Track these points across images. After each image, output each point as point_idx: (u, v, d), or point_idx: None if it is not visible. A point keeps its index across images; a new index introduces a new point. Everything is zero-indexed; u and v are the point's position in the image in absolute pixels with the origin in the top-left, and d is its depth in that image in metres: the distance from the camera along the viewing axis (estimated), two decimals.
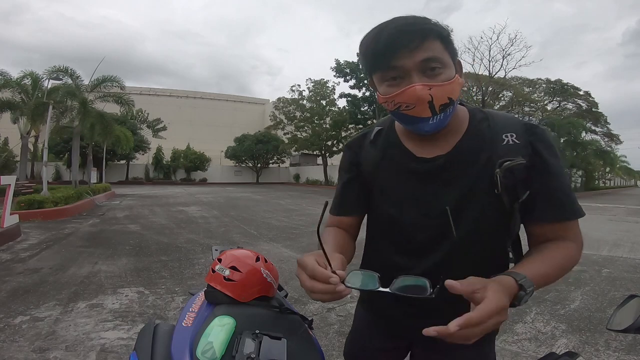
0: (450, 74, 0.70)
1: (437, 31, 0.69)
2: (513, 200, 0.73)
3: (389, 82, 0.70)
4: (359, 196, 0.88)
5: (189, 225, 7.49)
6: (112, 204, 12.14)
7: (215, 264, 1.00)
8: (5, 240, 5.42)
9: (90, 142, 16.49)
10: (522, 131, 0.75)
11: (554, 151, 0.75)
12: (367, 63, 0.73)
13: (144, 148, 29.08)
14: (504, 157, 0.72)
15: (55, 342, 2.37)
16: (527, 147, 0.73)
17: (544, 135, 0.76)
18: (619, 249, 5.91)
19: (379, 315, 0.91)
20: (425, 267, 0.78)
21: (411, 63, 0.67)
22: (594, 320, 2.89)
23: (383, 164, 0.83)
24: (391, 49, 0.67)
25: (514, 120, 0.78)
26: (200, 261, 4.59)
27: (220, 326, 0.82)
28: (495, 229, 0.77)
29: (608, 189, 39.49)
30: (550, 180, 0.74)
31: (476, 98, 20.70)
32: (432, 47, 0.68)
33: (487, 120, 0.78)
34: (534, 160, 0.73)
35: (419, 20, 0.69)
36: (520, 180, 0.72)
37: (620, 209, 14.32)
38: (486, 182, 0.73)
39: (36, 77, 15.09)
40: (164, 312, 2.95)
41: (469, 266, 0.75)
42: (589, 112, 25.64)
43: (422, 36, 0.67)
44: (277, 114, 29.55)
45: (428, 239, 0.79)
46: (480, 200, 0.74)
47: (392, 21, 0.69)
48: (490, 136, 0.76)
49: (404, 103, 0.69)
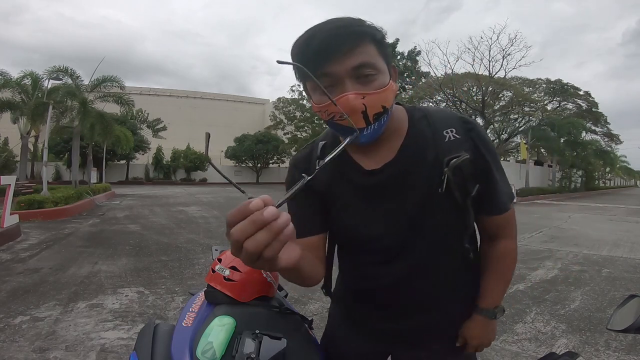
0: (384, 80, 0.66)
1: (371, 34, 0.65)
2: (465, 195, 0.74)
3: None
4: (317, 215, 0.81)
5: (189, 225, 7.48)
6: (112, 204, 12.13)
7: (215, 264, 1.00)
8: (5, 240, 5.42)
9: (90, 142, 16.48)
10: (460, 125, 0.75)
11: (489, 145, 0.76)
12: (299, 70, 0.67)
13: (144, 148, 29.06)
14: (449, 154, 0.72)
15: (55, 342, 2.37)
16: (468, 141, 0.74)
17: (479, 129, 0.76)
18: (619, 249, 5.91)
19: (353, 319, 0.91)
20: (395, 274, 0.79)
21: (343, 70, 0.63)
22: (594, 320, 2.89)
23: (334, 181, 0.79)
24: (322, 55, 0.62)
25: (451, 115, 0.78)
26: (200, 261, 4.59)
27: (220, 326, 0.82)
28: (454, 227, 0.77)
29: (608, 189, 39.53)
30: (490, 174, 0.76)
31: (476, 98, 20.69)
32: (365, 51, 0.64)
33: (426, 118, 0.77)
34: (476, 155, 0.74)
35: (352, 23, 0.65)
36: (468, 175, 0.73)
37: (620, 209, 14.32)
38: (437, 182, 0.73)
39: (36, 77, 15.07)
40: (164, 312, 2.95)
41: (436, 268, 0.79)
42: (589, 112, 25.62)
43: (354, 40, 0.63)
44: (277, 114, 29.53)
45: (393, 248, 0.78)
46: (435, 201, 0.74)
47: (324, 24, 0.64)
48: (432, 134, 0.75)
49: (337, 113, 0.65)
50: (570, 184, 25.83)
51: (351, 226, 0.80)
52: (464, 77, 20.37)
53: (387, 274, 0.80)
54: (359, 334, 0.89)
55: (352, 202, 0.79)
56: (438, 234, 0.76)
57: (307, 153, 0.84)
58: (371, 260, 0.82)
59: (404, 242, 0.77)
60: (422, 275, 0.79)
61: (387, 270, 0.79)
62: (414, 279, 0.79)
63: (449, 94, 20.53)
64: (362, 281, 0.86)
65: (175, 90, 43.86)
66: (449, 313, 0.84)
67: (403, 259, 0.78)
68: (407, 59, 27.80)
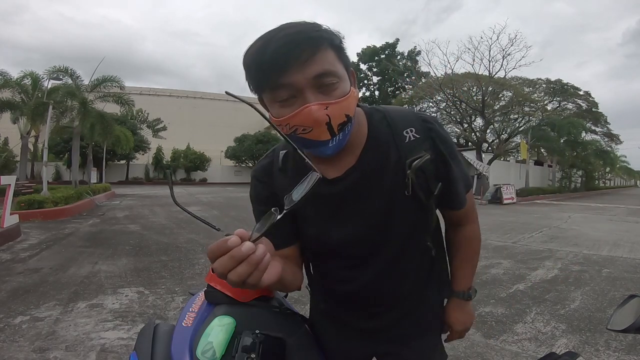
0: (346, 87, 0.63)
1: (330, 39, 0.62)
2: (428, 195, 0.74)
3: (281, 102, 0.62)
4: (285, 227, 0.78)
5: (189, 225, 7.47)
6: (112, 204, 12.14)
7: None
8: (5, 240, 5.42)
9: (90, 142, 16.50)
10: (420, 124, 0.74)
11: (447, 141, 0.76)
12: (253, 81, 0.63)
13: (144, 148, 29.07)
14: (410, 155, 0.71)
15: (55, 342, 2.37)
16: (428, 140, 0.73)
17: (437, 128, 0.75)
18: (619, 249, 5.91)
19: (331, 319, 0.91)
20: (367, 278, 0.79)
21: (303, 79, 0.59)
22: (594, 320, 2.89)
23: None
24: (279, 64, 0.58)
25: (409, 114, 0.76)
26: (200, 261, 4.59)
27: (220, 326, 0.82)
28: (418, 227, 0.78)
29: (608, 189, 39.54)
30: (450, 172, 0.75)
31: (476, 98, 20.68)
32: (325, 58, 0.60)
33: (386, 119, 0.75)
34: (436, 154, 0.73)
35: (309, 28, 0.60)
36: (430, 174, 0.73)
37: (620, 209, 14.32)
38: (401, 184, 0.72)
39: (36, 77, 15.09)
40: (164, 312, 2.95)
41: (403, 269, 0.80)
42: (589, 112, 25.63)
43: (313, 47, 0.59)
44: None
45: (359, 254, 0.78)
46: (400, 203, 0.73)
47: (278, 30, 0.60)
48: (392, 135, 0.73)
49: (300, 126, 0.61)
50: (570, 184, 25.84)
51: (313, 236, 0.78)
52: (464, 77, 20.36)
53: (355, 279, 0.80)
54: (338, 334, 0.89)
55: (315, 211, 0.76)
56: (403, 236, 0.76)
57: (267, 163, 0.81)
58: (337, 265, 0.81)
59: (370, 247, 0.76)
60: (390, 276, 0.79)
61: (355, 274, 0.79)
62: (382, 281, 0.79)
63: (449, 94, 20.52)
64: (331, 285, 0.86)
65: (175, 90, 43.87)
66: (420, 310, 0.85)
67: (370, 264, 0.78)
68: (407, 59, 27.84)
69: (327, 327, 0.92)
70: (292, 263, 0.79)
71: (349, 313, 0.86)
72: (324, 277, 0.88)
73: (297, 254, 0.82)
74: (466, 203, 0.82)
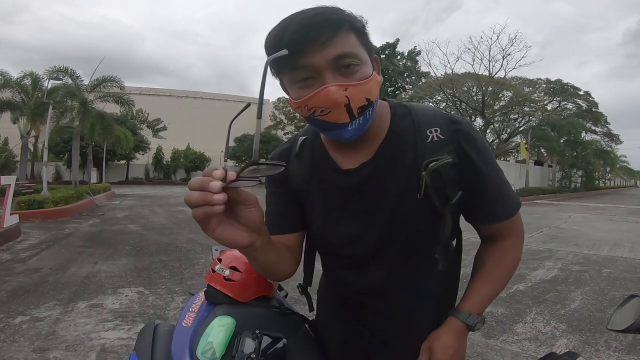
0: (368, 71, 0.62)
1: (351, 22, 0.61)
2: (444, 202, 0.67)
3: (300, 83, 0.61)
4: (292, 213, 0.78)
5: (189, 225, 7.48)
6: (112, 204, 12.14)
7: (215, 264, 1.00)
8: (5, 240, 5.42)
9: (90, 142, 16.51)
10: (446, 125, 0.69)
11: (480, 147, 0.69)
12: (273, 64, 0.62)
13: (144, 148, 29.09)
14: (429, 156, 0.66)
15: (55, 342, 2.37)
16: (454, 142, 0.68)
17: (468, 130, 0.69)
18: (619, 249, 5.91)
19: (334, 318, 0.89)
20: (369, 280, 0.76)
21: (322, 60, 0.58)
22: (594, 320, 2.89)
23: (311, 179, 0.75)
24: (298, 45, 0.57)
25: (437, 114, 0.72)
26: (200, 261, 4.59)
27: (220, 326, 0.82)
28: (428, 235, 0.70)
29: (608, 189, 39.56)
30: (481, 180, 0.69)
31: (476, 98, 20.70)
32: (346, 40, 0.59)
33: (410, 115, 0.71)
34: (461, 159, 0.67)
35: (329, 10, 0.59)
36: (450, 180, 0.67)
37: (621, 209, 14.32)
38: (415, 186, 0.67)
39: (36, 77, 15.10)
40: (164, 312, 2.95)
41: (405, 278, 0.75)
42: (589, 112, 25.65)
43: (333, 28, 0.58)
44: (277, 114, 29.58)
45: (360, 254, 0.75)
46: (411, 206, 0.68)
47: (299, 14, 0.59)
48: (413, 134, 0.69)
49: (318, 107, 0.60)
50: (570, 184, 25.86)
51: (319, 227, 0.77)
52: (464, 77, 20.39)
53: (355, 282, 0.77)
54: (338, 334, 0.88)
55: (323, 201, 0.75)
56: (409, 242, 0.71)
57: (285, 149, 0.81)
58: (340, 264, 0.79)
59: (373, 249, 0.73)
60: (391, 284, 0.75)
61: (355, 277, 0.77)
62: (383, 288, 0.75)
63: (449, 94, 20.54)
64: (333, 286, 0.86)
65: (175, 90, 43.94)
66: (418, 324, 0.77)
67: (371, 267, 0.75)
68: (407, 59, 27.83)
69: (327, 326, 0.91)
70: (288, 252, 0.76)
71: (346, 315, 0.85)
72: (325, 275, 0.88)
73: (296, 245, 0.80)
74: (502, 218, 0.72)
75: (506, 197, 0.71)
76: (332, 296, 0.88)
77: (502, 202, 0.71)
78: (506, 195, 0.71)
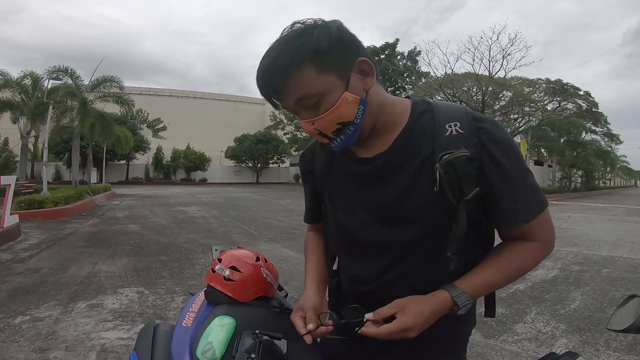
0: (332, 99, 0.63)
1: (307, 54, 0.61)
2: (458, 197, 0.66)
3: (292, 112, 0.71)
4: (317, 202, 0.91)
5: (189, 225, 7.48)
6: (112, 204, 12.13)
7: (215, 264, 1.00)
8: (5, 240, 5.42)
9: (90, 142, 16.50)
10: (468, 120, 0.68)
11: (505, 146, 0.67)
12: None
13: (144, 148, 29.08)
14: (446, 149, 0.66)
15: (55, 342, 2.37)
16: (474, 137, 0.66)
17: (492, 129, 0.68)
18: (619, 249, 5.91)
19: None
20: (376, 272, 0.76)
21: (290, 104, 0.66)
22: (594, 320, 2.89)
23: (331, 167, 0.82)
24: (268, 97, 0.67)
25: (459, 109, 0.71)
26: (200, 261, 4.59)
27: (220, 326, 0.82)
28: (441, 231, 0.69)
29: (608, 189, 39.55)
30: (502, 182, 0.67)
31: (476, 98, 20.69)
32: (300, 82, 0.62)
33: (432, 112, 0.72)
34: (482, 155, 0.66)
35: (284, 50, 0.62)
36: (465, 174, 0.65)
37: (620, 209, 14.32)
38: (428, 178, 0.67)
39: (36, 77, 15.11)
40: (164, 312, 2.95)
41: (413, 274, 0.74)
42: (589, 112, 25.61)
43: (284, 76, 0.62)
44: (277, 114, 29.53)
45: (375, 243, 0.75)
46: (423, 199, 0.69)
47: (265, 56, 0.65)
48: (432, 128, 0.70)
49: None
50: (570, 184, 25.84)
51: (338, 215, 0.81)
52: (464, 77, 20.38)
53: (369, 273, 0.77)
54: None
55: (338, 187, 0.81)
56: (420, 236, 0.71)
57: (313, 143, 0.90)
58: (349, 254, 0.82)
59: (382, 237, 0.74)
60: (398, 279, 0.74)
61: (370, 268, 0.77)
62: (391, 282, 0.75)
63: (449, 94, 20.53)
64: (343, 277, 0.86)
65: (175, 90, 43.88)
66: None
67: (379, 258, 0.75)
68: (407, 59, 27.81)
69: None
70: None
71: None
72: (341, 266, 0.89)
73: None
74: (520, 221, 0.69)
75: (528, 200, 0.68)
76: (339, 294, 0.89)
77: (522, 205, 0.68)
78: (528, 199, 0.68)
